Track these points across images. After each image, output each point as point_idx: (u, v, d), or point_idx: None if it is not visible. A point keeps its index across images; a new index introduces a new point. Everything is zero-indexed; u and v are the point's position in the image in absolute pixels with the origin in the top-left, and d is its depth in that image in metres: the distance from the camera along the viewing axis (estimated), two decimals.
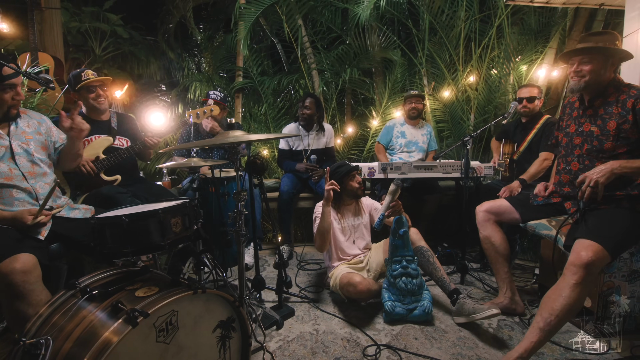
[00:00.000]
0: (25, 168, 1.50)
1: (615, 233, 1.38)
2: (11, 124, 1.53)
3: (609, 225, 1.41)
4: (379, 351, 1.56)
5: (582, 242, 1.36)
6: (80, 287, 1.02)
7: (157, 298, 0.93)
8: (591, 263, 1.29)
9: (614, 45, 1.53)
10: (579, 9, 3.15)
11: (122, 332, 0.83)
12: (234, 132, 1.34)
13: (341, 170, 2.04)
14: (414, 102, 3.03)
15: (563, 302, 1.29)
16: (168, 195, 2.27)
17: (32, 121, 1.63)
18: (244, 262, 1.42)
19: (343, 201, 2.11)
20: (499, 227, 1.90)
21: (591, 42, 1.55)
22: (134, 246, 1.24)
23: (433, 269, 1.89)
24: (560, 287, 1.33)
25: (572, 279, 1.30)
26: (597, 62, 1.54)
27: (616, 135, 1.52)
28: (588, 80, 1.57)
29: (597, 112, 1.59)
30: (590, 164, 1.59)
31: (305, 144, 2.99)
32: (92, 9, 4.15)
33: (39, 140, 1.61)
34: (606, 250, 1.32)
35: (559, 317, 1.29)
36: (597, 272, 1.35)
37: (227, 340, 1.13)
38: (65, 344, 0.88)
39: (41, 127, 1.65)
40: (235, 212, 1.40)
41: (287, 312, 1.90)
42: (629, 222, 1.43)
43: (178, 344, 0.97)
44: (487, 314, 1.63)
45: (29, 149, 1.53)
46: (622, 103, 1.52)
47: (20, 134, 1.54)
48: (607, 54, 1.53)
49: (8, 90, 1.42)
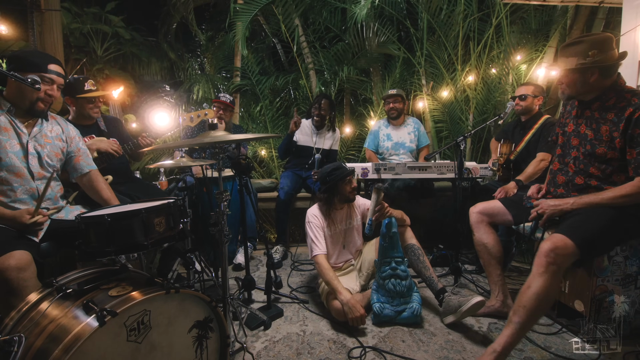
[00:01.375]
0: (35, 168, 1.53)
1: (588, 229, 1.39)
2: (36, 124, 1.56)
3: (583, 222, 1.42)
4: (364, 353, 1.54)
5: (552, 236, 1.38)
6: (56, 285, 1.03)
7: (127, 297, 0.93)
8: (551, 250, 1.32)
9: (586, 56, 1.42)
10: (579, 7, 3.09)
11: (89, 331, 0.83)
12: (215, 132, 1.34)
13: (336, 174, 1.94)
14: (391, 102, 3.00)
15: (530, 292, 1.32)
16: (161, 195, 2.29)
17: (57, 127, 1.66)
18: (226, 262, 1.42)
19: (334, 205, 2.03)
20: (493, 229, 1.87)
21: (565, 55, 1.50)
22: (116, 245, 1.25)
23: (422, 267, 1.87)
24: (529, 279, 1.36)
25: (537, 269, 1.34)
26: (571, 77, 1.50)
27: (608, 141, 1.47)
28: (569, 93, 1.55)
29: (594, 115, 1.53)
30: (585, 168, 1.55)
31: (313, 142, 3.02)
32: (94, 10, 4.21)
33: (56, 146, 1.62)
34: (573, 242, 1.33)
35: (526, 308, 1.31)
36: (563, 263, 1.34)
37: (205, 340, 1.12)
38: (37, 341, 0.89)
39: (63, 134, 1.68)
40: (217, 212, 1.40)
41: (276, 312, 1.89)
42: (607, 222, 1.41)
43: (151, 343, 0.97)
44: (472, 302, 1.65)
45: (42, 152, 1.56)
46: (620, 110, 1.44)
47: (40, 137, 1.57)
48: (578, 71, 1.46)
49: (47, 82, 1.47)
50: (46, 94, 1.49)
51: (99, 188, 1.73)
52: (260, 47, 4.77)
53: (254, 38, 4.83)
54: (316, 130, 3.03)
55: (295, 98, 4.26)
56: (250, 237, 2.76)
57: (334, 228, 2.05)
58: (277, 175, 3.86)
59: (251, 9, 3.56)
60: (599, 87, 1.50)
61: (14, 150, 1.47)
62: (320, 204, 2.03)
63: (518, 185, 2.20)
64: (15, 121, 1.49)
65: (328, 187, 1.97)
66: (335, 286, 1.76)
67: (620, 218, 1.43)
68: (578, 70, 1.47)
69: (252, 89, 4.00)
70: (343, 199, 2.01)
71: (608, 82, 1.49)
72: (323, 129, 3.05)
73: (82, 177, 1.74)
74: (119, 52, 4.54)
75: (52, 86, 1.50)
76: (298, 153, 3.02)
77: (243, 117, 4.11)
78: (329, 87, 3.93)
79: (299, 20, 3.76)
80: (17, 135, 1.49)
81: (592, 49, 1.43)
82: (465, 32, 3.51)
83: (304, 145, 3.02)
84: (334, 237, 2.06)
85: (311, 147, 3.01)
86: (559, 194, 1.67)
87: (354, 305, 1.69)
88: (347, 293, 1.75)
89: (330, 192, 1.98)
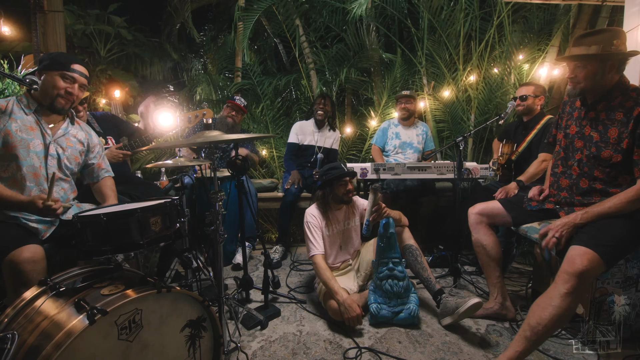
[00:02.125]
0: (52, 169, 1.56)
1: (612, 241, 1.30)
2: (61, 127, 1.61)
3: (605, 234, 1.32)
4: (360, 354, 1.54)
5: (577, 249, 1.28)
6: (50, 284, 1.04)
7: (119, 296, 0.94)
8: (585, 272, 1.22)
9: (611, 44, 1.40)
10: (582, 5, 3.05)
11: (80, 329, 0.83)
12: (210, 132, 1.34)
13: (332, 173, 1.94)
14: (403, 103, 3.01)
15: (552, 311, 1.23)
16: (161, 194, 2.30)
17: (81, 132, 1.71)
18: (221, 262, 1.42)
19: (330, 205, 2.01)
20: (492, 230, 1.85)
21: (584, 44, 1.44)
22: (112, 244, 1.26)
23: (420, 268, 1.85)
24: (550, 295, 1.27)
25: (564, 288, 1.24)
26: (592, 66, 1.44)
27: (616, 144, 1.42)
28: (584, 87, 1.48)
29: (599, 117, 1.49)
30: (589, 171, 1.51)
31: (315, 141, 3.06)
32: (97, 11, 4.25)
33: (77, 150, 1.66)
34: (602, 259, 1.25)
35: (546, 327, 1.24)
36: (590, 281, 1.29)
37: (197, 340, 1.13)
38: (30, 338, 0.90)
39: (85, 140, 1.72)
40: (212, 212, 1.40)
41: (273, 312, 1.89)
42: (626, 230, 1.34)
43: (142, 342, 0.97)
44: (469, 304, 1.63)
45: (62, 155, 1.59)
46: (627, 110, 1.40)
47: (63, 140, 1.61)
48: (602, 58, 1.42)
49: (68, 80, 1.52)
50: (66, 91, 1.53)
51: (107, 195, 1.76)
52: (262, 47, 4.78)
53: (257, 38, 4.84)
54: (317, 129, 3.09)
55: (296, 98, 4.26)
56: (249, 237, 2.77)
57: (332, 228, 2.04)
58: (279, 175, 3.86)
59: (252, 14, 3.57)
60: (610, 82, 1.46)
61: (36, 150, 1.51)
62: (318, 204, 2.03)
63: (519, 185, 2.18)
64: (42, 121, 1.55)
65: (323, 184, 1.96)
66: (332, 286, 1.75)
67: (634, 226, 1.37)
68: (602, 57, 1.41)
69: (254, 89, 4.01)
70: (337, 199, 1.98)
71: (616, 79, 1.46)
72: (324, 128, 3.11)
73: (95, 182, 1.79)
74: (121, 52, 4.58)
75: (74, 85, 1.54)
76: (301, 153, 3.09)
77: (244, 118, 4.11)
78: (330, 87, 3.92)
79: (300, 21, 3.76)
80: (42, 136, 1.54)
81: (616, 38, 1.40)
82: (467, 31, 3.48)
83: (306, 144, 3.08)
84: (332, 237, 2.05)
85: (313, 146, 3.06)
86: (563, 198, 1.63)
87: (350, 305, 1.68)
88: (344, 293, 1.75)
89: (325, 191, 1.97)
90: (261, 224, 3.50)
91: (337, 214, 2.06)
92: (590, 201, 1.51)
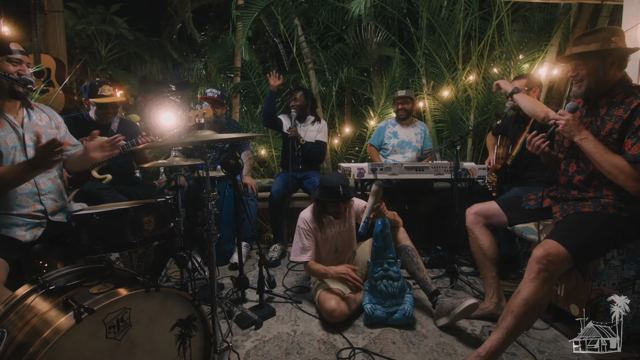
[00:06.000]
0: None
1: (581, 235, 1.36)
2: (24, 115, 1.54)
3: (577, 228, 1.39)
4: (354, 354, 1.53)
5: (548, 242, 1.36)
6: (41, 282, 1.04)
7: (107, 295, 0.94)
8: (543, 256, 1.30)
9: (610, 42, 1.43)
10: (582, 5, 3.03)
11: (67, 327, 0.84)
12: (202, 131, 1.34)
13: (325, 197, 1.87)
14: (400, 104, 3.00)
15: (519, 298, 1.30)
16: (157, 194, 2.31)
17: (44, 115, 1.65)
18: (214, 261, 1.42)
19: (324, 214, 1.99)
20: (489, 230, 1.84)
21: (583, 44, 1.47)
22: (105, 243, 1.27)
23: (416, 268, 1.85)
24: (520, 285, 1.34)
25: (528, 275, 1.31)
26: (593, 63, 1.46)
27: (606, 136, 1.44)
28: (588, 84, 1.50)
29: (600, 112, 1.51)
30: (585, 167, 1.53)
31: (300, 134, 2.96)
32: (99, 10, 4.27)
33: (50, 135, 1.58)
34: (566, 249, 1.31)
35: (514, 313, 1.29)
36: (556, 270, 1.31)
37: (188, 339, 1.13)
38: (19, 334, 0.91)
39: (52, 121, 1.67)
40: (204, 212, 1.40)
41: (268, 312, 1.89)
42: (602, 225, 1.39)
43: (131, 340, 0.98)
44: (465, 305, 1.63)
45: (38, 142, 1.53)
46: (627, 105, 1.42)
47: (32, 127, 1.55)
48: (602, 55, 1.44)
49: (15, 64, 1.44)
50: (19, 74, 1.45)
51: (76, 157, 1.70)
52: (262, 47, 4.78)
53: (257, 38, 4.84)
54: (299, 123, 2.99)
55: None
56: (247, 237, 2.77)
57: (327, 232, 2.03)
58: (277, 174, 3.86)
59: (250, 13, 3.58)
60: (612, 79, 1.48)
61: (14, 145, 1.47)
62: (313, 209, 2.02)
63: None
64: (6, 115, 1.49)
65: (316, 200, 1.95)
66: (326, 270, 1.83)
67: (615, 222, 1.40)
68: (601, 54, 1.44)
69: (253, 89, 4.01)
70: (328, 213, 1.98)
71: (619, 76, 1.47)
72: (306, 121, 3.00)
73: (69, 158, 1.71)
74: (122, 52, 4.60)
75: (23, 65, 1.47)
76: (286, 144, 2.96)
77: (244, 117, 4.12)
78: (330, 87, 3.92)
79: (299, 20, 3.75)
80: (13, 129, 1.49)
81: (613, 36, 1.43)
82: (466, 30, 3.47)
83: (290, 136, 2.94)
84: (327, 241, 2.04)
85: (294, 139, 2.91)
86: (560, 194, 1.66)
87: (340, 271, 1.79)
88: (335, 268, 1.83)
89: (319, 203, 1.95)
90: (260, 224, 3.50)
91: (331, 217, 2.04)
92: (585, 196, 1.53)
